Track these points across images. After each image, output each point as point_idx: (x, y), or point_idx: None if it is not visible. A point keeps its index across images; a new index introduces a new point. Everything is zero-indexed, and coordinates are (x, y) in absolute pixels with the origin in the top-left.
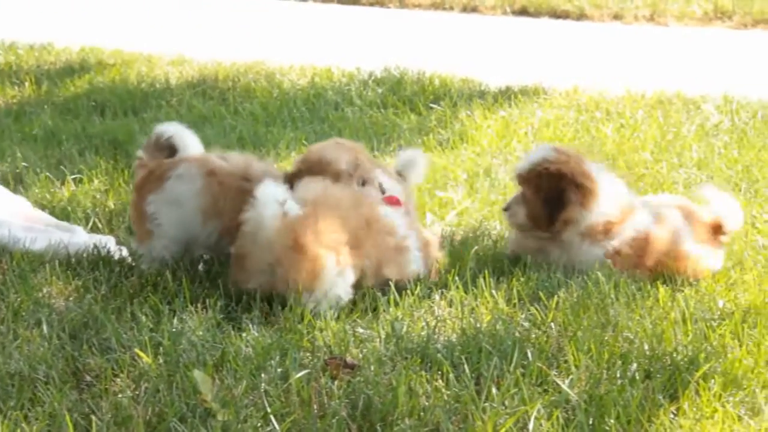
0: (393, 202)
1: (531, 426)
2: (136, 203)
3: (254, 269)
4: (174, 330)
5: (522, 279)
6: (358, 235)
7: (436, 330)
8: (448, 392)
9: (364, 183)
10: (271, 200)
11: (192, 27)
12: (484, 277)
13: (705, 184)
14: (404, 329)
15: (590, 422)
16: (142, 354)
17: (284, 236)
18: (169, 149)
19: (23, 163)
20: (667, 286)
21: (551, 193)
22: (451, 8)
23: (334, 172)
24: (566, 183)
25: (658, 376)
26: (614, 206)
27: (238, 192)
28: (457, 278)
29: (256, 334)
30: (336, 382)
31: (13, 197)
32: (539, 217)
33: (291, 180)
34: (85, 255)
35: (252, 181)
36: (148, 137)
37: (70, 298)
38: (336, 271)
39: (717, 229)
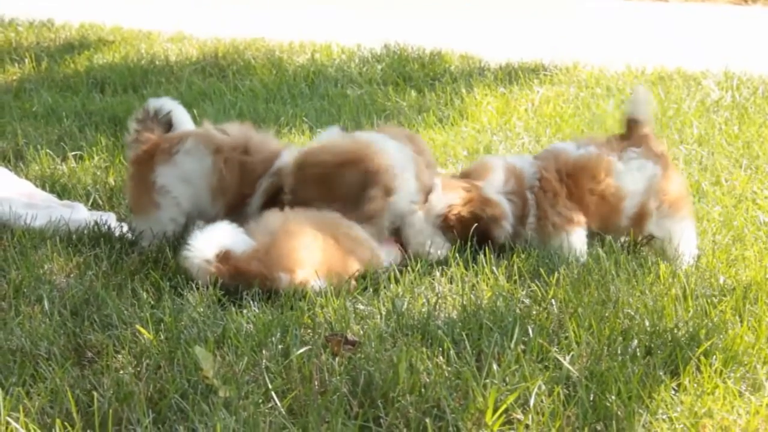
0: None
1: (532, 402)
2: (138, 176)
3: None
4: (175, 306)
5: (522, 255)
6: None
7: (437, 306)
8: (449, 369)
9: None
10: (196, 262)
11: (191, 2)
12: (485, 254)
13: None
14: (405, 306)
15: (591, 398)
16: (143, 330)
17: (224, 277)
18: (167, 124)
19: (23, 140)
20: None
21: None
22: None
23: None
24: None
25: (659, 352)
26: None
27: (240, 166)
28: (457, 255)
29: (257, 310)
30: (337, 359)
31: (16, 178)
32: None
33: None
34: (86, 231)
35: (251, 154)
36: (143, 111)
37: (72, 275)
38: (294, 286)
39: None
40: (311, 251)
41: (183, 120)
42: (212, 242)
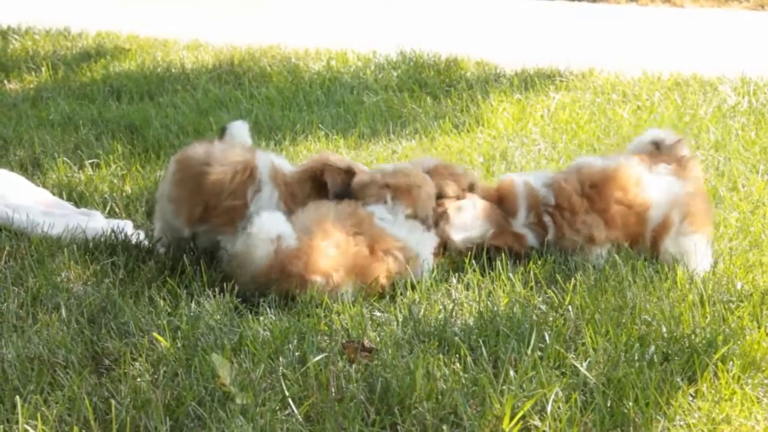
0: None
1: (549, 409)
2: None
3: (244, 285)
4: (192, 314)
5: (539, 262)
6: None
7: (454, 313)
8: (466, 375)
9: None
10: (264, 238)
11: (207, 10)
12: (501, 260)
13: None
14: (421, 313)
15: (608, 405)
16: (160, 338)
17: (272, 271)
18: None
19: (40, 149)
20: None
21: None
22: None
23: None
24: None
25: (676, 358)
26: None
27: (196, 177)
28: (474, 261)
29: (274, 318)
30: (353, 366)
31: (33, 186)
32: None
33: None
34: (102, 239)
35: (212, 165)
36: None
37: (89, 283)
38: (326, 291)
39: None
40: (342, 254)
41: (237, 134)
42: (275, 224)
